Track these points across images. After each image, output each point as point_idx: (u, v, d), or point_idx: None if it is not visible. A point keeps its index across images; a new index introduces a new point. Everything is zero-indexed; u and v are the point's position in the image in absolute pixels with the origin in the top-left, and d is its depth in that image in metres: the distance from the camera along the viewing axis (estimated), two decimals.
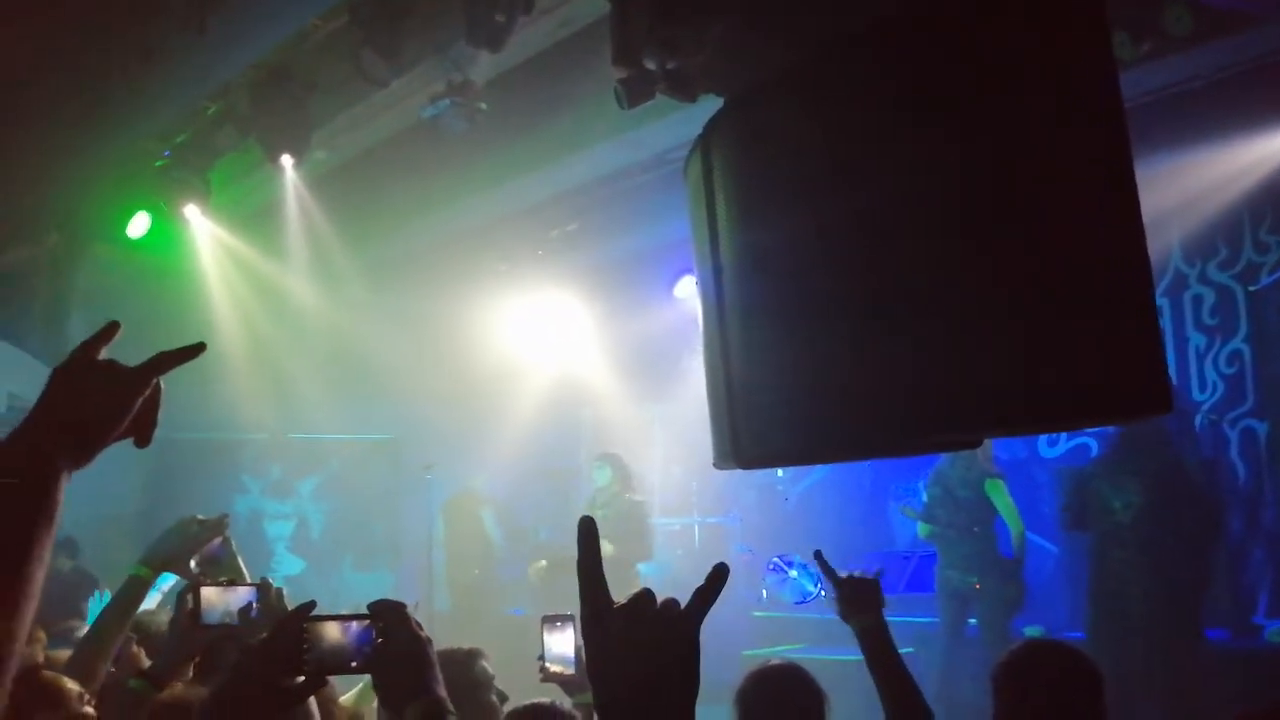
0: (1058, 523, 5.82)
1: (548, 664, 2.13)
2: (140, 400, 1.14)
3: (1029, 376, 1.19)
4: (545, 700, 2.06)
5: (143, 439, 1.16)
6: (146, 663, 2.24)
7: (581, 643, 1.89)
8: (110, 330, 1.18)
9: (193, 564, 2.28)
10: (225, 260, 7.39)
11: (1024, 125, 1.20)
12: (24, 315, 7.45)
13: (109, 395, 1.12)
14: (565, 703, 2.10)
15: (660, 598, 1.02)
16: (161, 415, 1.20)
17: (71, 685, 2.08)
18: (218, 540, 2.32)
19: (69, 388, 1.12)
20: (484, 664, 2.52)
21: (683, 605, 1.02)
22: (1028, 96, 1.19)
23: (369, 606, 1.43)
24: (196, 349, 1.18)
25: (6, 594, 0.96)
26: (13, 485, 1.02)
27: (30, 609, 0.98)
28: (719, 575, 1.02)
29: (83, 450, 1.10)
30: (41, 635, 2.82)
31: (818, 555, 2.46)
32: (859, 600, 2.29)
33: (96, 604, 5.54)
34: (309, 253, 7.22)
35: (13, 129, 5.21)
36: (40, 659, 2.61)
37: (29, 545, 0.99)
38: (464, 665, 2.50)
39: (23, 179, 5.96)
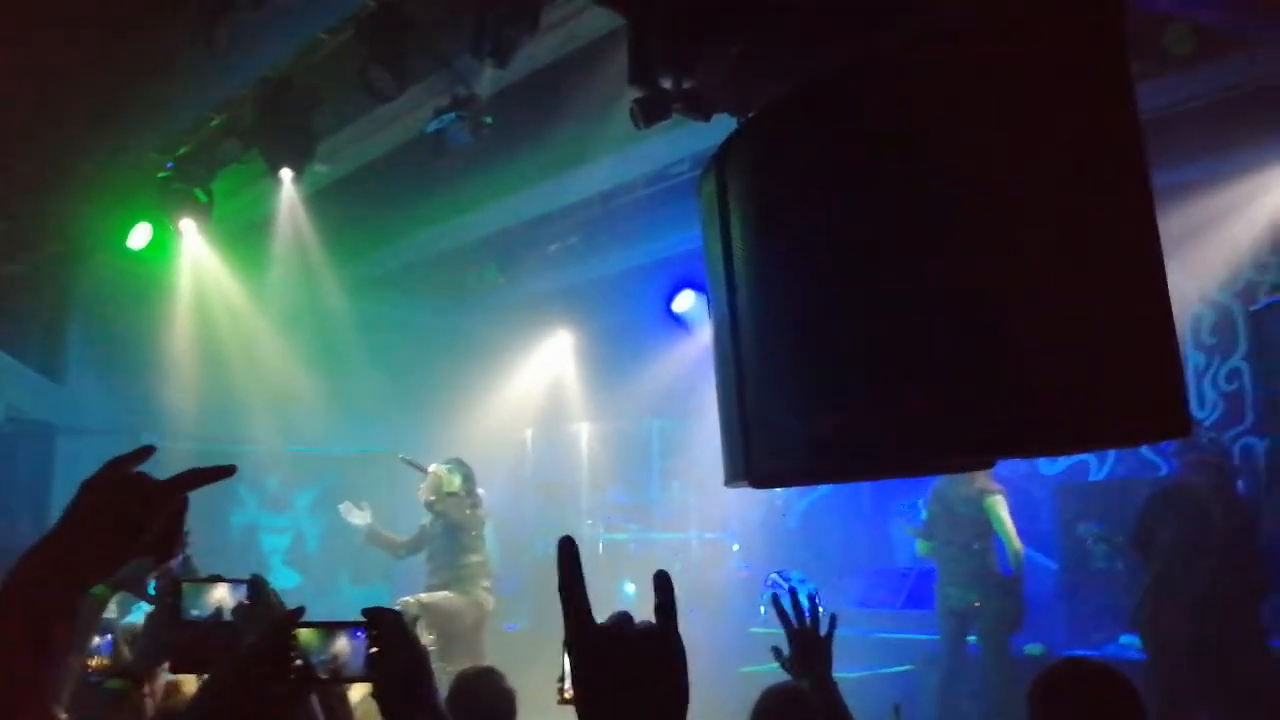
0: (1125, 546, 5.75)
1: (569, 687, 2.12)
2: (164, 516, 1.14)
3: (1044, 398, 1.19)
4: None
5: (164, 555, 1.16)
6: None
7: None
8: (145, 452, 1.18)
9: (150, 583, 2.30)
10: (223, 272, 7.38)
11: (1041, 145, 1.21)
12: (24, 326, 7.42)
13: (131, 511, 1.12)
14: None
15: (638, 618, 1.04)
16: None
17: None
18: (179, 558, 2.33)
19: (93, 503, 1.12)
20: (507, 684, 2.59)
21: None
22: (1047, 116, 1.20)
23: (363, 613, 1.40)
24: (228, 470, 1.18)
25: (33, 687, 1.01)
26: (29, 604, 1.04)
27: (52, 694, 1.03)
28: (662, 583, 1.05)
29: (102, 563, 1.11)
30: None
31: (775, 602, 2.34)
32: (806, 655, 2.23)
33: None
34: (307, 266, 7.22)
35: (18, 139, 5.21)
36: None
37: (45, 658, 1.02)
38: (492, 683, 2.58)
39: (27, 189, 5.96)
